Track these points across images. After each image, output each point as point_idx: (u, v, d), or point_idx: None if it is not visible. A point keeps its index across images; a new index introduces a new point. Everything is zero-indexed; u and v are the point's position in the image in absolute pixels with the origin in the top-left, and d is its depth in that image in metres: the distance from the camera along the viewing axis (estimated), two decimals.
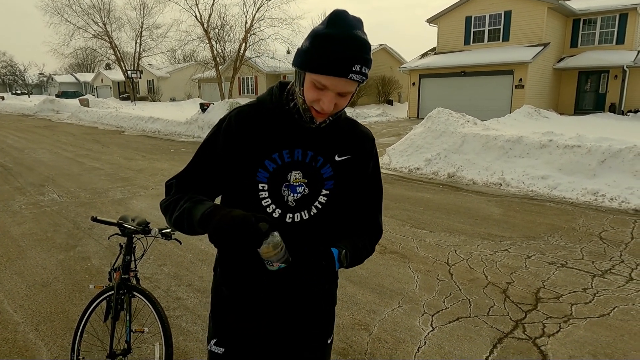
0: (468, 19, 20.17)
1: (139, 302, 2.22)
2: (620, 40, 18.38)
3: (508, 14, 19.03)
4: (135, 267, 2.38)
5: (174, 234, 2.09)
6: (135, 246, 2.38)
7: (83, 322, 2.20)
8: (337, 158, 1.20)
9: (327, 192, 1.20)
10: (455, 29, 20.71)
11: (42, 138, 14.35)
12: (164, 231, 2.09)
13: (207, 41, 27.23)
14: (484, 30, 19.90)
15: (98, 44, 36.18)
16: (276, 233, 1.01)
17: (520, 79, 17.47)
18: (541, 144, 7.75)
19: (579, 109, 19.26)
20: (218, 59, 27.99)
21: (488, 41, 19.80)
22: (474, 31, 20.19)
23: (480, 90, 18.80)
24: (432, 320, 3.01)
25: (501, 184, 7.28)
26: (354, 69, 0.99)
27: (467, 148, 8.49)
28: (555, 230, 4.94)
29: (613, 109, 17.95)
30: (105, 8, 35.49)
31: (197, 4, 26.62)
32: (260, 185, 1.15)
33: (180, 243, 2.42)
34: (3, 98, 40.06)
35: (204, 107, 16.57)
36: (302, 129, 1.14)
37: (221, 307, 1.33)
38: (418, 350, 2.67)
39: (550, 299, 3.30)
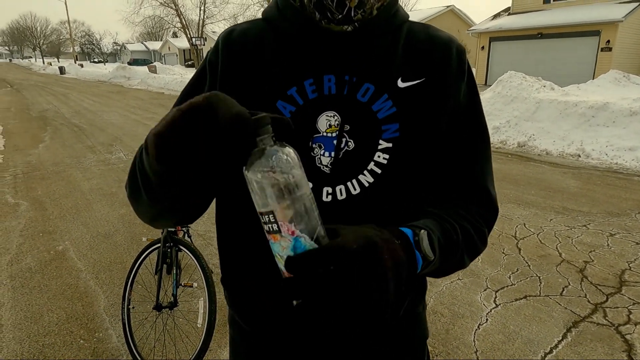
0: None
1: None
2: None
3: None
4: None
5: None
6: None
7: (133, 273, 2.20)
8: (400, 83, 0.68)
9: (389, 145, 0.68)
10: None
11: (114, 102, 15.17)
12: None
13: (267, 4, 27.03)
14: None
15: (165, 12, 37.50)
16: (291, 149, 0.48)
17: (608, 41, 15.57)
18: (631, 111, 6.84)
19: None
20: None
21: None
22: None
23: (559, 54, 17.05)
24: (496, 297, 2.74)
25: (579, 155, 6.57)
26: None
27: (542, 115, 7.73)
28: None
29: None
30: None
31: None
32: None
33: None
34: (82, 65, 42.92)
35: None
36: (330, 36, 0.67)
37: (241, 353, 0.83)
38: (478, 327, 2.44)
39: (638, 283, 2.89)
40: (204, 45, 37.83)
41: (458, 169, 0.72)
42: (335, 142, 0.67)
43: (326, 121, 0.68)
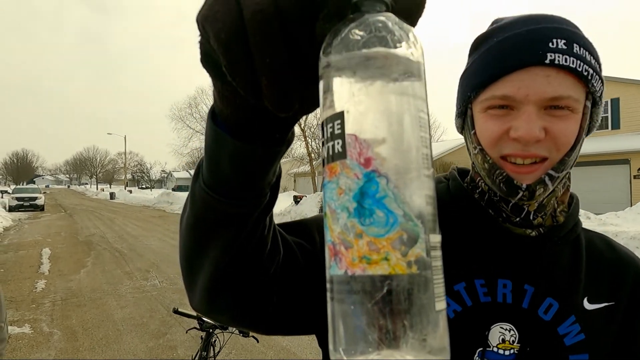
0: None
1: None
2: None
3: (615, 102, 17.82)
4: None
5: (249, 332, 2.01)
6: (215, 340, 2.34)
7: None
8: (587, 305, 0.61)
9: None
10: None
11: (155, 227, 15.96)
12: None
13: (303, 139, 29.50)
14: None
15: None
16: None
17: (639, 169, 15.64)
18: None
19: None
20: (312, 155, 29.87)
21: (596, 130, 18.45)
22: None
23: (591, 182, 17.09)
24: None
25: None
26: (551, 45, 0.54)
27: None
28: None
29: None
30: None
31: None
32: None
33: (257, 341, 2.33)
34: (130, 191, 46.41)
35: (297, 200, 17.37)
36: (510, 238, 0.61)
37: None
38: None
39: None
40: None
41: None
42: None
43: (499, 334, 0.58)
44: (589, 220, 8.59)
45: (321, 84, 0.28)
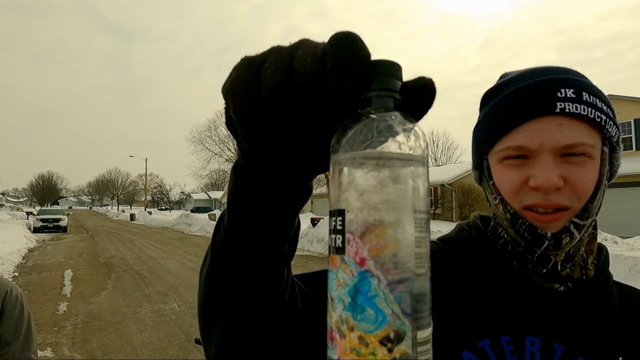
0: None
1: None
2: None
3: (638, 122, 17.45)
4: None
5: None
6: None
7: None
8: None
9: None
10: None
11: (174, 249, 16.09)
12: None
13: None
14: None
15: (229, 167, 41.95)
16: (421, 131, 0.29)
17: None
18: None
19: None
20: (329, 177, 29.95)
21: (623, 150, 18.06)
22: None
23: (617, 204, 16.61)
24: None
25: None
26: (560, 94, 0.55)
27: (613, 271, 7.21)
28: None
29: None
30: None
31: None
32: None
33: None
34: (151, 213, 47.10)
35: (314, 222, 17.33)
36: (537, 292, 0.59)
37: None
38: None
39: None
40: None
41: None
42: None
43: None
44: (616, 245, 8.30)
45: (331, 173, 0.30)
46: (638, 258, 7.15)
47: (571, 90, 0.55)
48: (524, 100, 0.57)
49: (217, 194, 69.66)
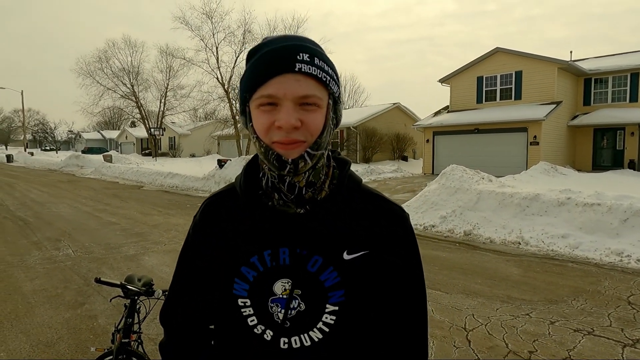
0: (479, 79, 20.72)
1: None
2: (634, 98, 18.50)
3: (519, 74, 19.50)
4: (139, 329, 2.33)
5: None
6: (139, 307, 2.34)
7: None
8: (346, 256, 0.83)
9: (335, 308, 0.83)
10: (467, 89, 21.23)
11: (64, 192, 14.74)
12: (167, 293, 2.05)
13: (227, 101, 28.50)
14: (495, 90, 20.34)
15: (125, 104, 38.36)
16: None
17: (535, 136, 17.53)
18: (559, 201, 7.59)
19: (597, 166, 19.04)
20: (237, 117, 29.10)
21: (500, 99, 20.17)
22: (485, 90, 20.64)
23: (495, 147, 18.86)
24: None
25: (520, 243, 7.06)
26: (299, 57, 0.74)
27: (483, 205, 8.36)
28: (579, 294, 4.69)
29: (632, 165, 17.68)
30: (134, 71, 37.97)
31: (219, 67, 28.29)
32: (240, 300, 0.85)
33: None
34: (32, 154, 41.88)
35: (221, 163, 17.00)
36: (285, 217, 0.82)
37: None
38: None
39: None
40: (162, 135, 38.46)
41: (399, 332, 0.87)
42: (289, 303, 0.84)
43: (281, 286, 0.84)
44: (490, 183, 9.56)
45: None
46: (505, 194, 8.36)
47: (307, 55, 0.75)
48: (274, 60, 0.74)
49: (113, 134, 63.91)
